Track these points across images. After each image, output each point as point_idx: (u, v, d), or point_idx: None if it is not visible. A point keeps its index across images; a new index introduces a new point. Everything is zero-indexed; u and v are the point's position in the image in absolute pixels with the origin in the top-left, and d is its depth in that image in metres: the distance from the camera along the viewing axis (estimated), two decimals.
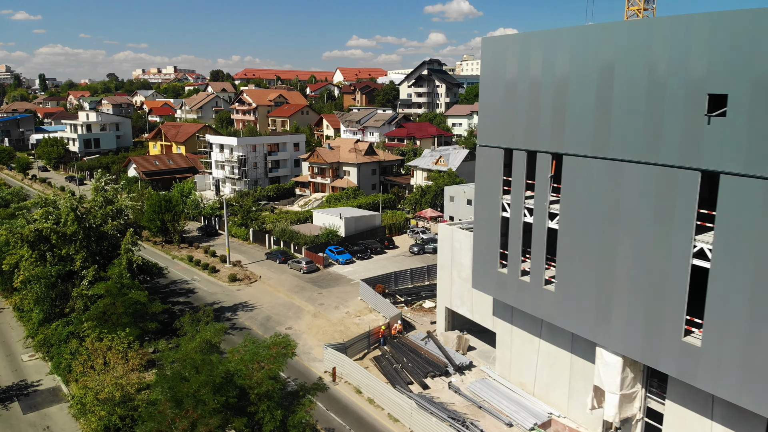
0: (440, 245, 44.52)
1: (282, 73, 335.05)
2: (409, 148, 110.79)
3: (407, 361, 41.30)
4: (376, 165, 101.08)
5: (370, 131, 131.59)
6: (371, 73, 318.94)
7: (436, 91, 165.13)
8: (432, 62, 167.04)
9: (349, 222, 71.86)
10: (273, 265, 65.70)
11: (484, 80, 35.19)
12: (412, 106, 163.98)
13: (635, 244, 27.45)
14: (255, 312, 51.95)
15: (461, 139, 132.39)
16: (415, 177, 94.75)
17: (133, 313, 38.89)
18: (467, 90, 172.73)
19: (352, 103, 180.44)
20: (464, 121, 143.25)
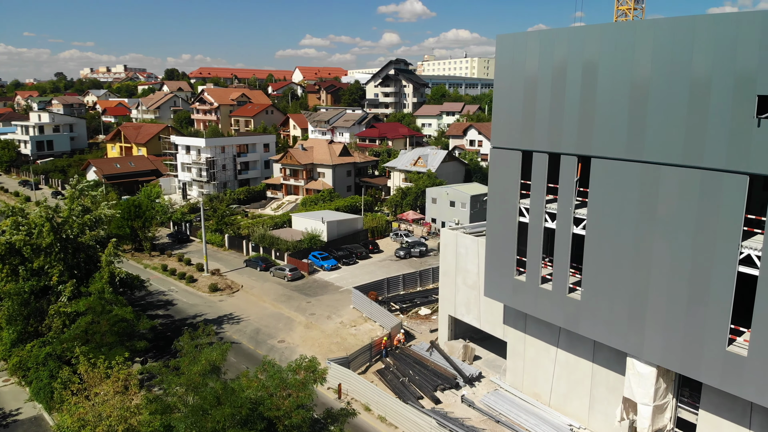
0: (443, 251, 42.82)
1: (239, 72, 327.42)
2: (383, 149, 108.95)
3: (414, 374, 39.43)
4: (352, 166, 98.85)
5: (339, 131, 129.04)
6: (331, 72, 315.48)
7: (403, 91, 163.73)
8: (398, 62, 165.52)
9: (332, 226, 69.52)
10: (254, 273, 62.76)
11: (499, 80, 33.62)
12: (379, 105, 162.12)
13: (674, 250, 26.32)
14: (242, 324, 49.13)
15: (432, 140, 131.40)
16: (393, 178, 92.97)
17: (118, 331, 35.77)
18: (433, 90, 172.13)
19: (317, 102, 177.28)
20: (434, 122, 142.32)
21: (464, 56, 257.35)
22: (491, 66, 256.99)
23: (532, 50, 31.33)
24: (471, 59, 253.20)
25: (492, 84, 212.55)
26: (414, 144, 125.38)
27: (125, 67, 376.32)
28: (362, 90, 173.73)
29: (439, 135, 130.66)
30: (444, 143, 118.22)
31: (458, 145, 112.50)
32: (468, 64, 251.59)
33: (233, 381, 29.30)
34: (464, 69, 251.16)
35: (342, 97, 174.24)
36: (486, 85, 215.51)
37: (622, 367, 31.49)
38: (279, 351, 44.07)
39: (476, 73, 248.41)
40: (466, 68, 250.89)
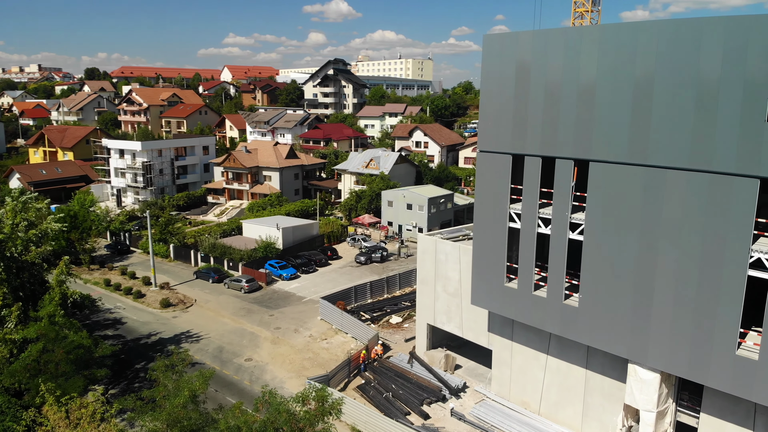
0: (420, 257, 41.32)
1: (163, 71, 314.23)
2: (330, 151, 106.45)
3: (397, 388, 37.72)
4: (299, 169, 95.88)
5: (280, 132, 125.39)
6: (261, 71, 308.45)
7: (343, 92, 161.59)
8: (337, 62, 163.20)
9: (287, 232, 66.65)
10: (206, 285, 59.06)
11: (487, 81, 32.43)
12: (318, 106, 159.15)
13: (680, 255, 25.90)
14: (203, 342, 45.76)
15: (376, 141, 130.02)
16: (344, 181, 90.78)
17: (75, 359, 32.03)
18: (372, 91, 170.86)
19: (252, 102, 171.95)
20: (376, 123, 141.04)
21: (398, 57, 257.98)
22: (425, 68, 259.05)
23: (523, 51, 30.30)
24: (405, 60, 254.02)
25: (427, 85, 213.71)
26: (359, 145, 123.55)
27: (39, 67, 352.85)
28: (300, 90, 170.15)
29: (383, 136, 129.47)
30: (389, 144, 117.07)
31: (404, 147, 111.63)
32: (402, 65, 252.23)
33: (217, 412, 26.71)
34: (399, 70, 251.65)
35: (279, 97, 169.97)
36: (422, 86, 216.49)
37: (618, 372, 31.10)
38: (247, 370, 41.22)
39: (411, 74, 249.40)
40: (401, 69, 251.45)
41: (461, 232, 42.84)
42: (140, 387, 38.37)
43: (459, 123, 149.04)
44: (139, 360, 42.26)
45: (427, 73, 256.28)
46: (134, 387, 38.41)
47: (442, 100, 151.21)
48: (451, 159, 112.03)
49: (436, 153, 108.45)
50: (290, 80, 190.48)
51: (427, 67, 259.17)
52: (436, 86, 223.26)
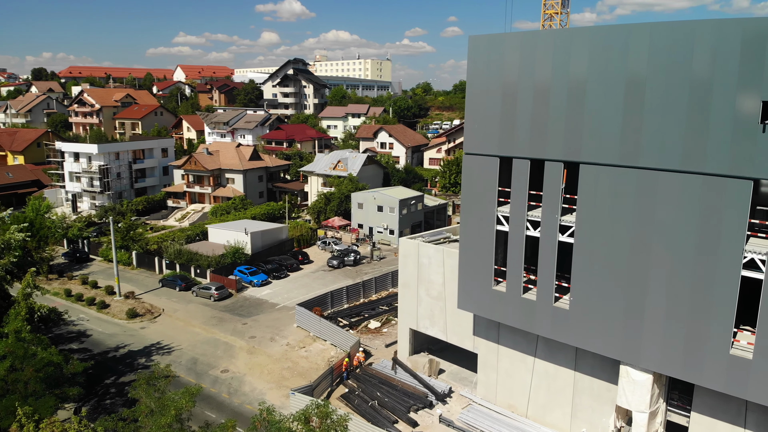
0: (402, 261, 40.64)
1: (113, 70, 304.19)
2: (294, 152, 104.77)
3: (383, 396, 36.94)
4: (263, 171, 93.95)
5: (241, 133, 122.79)
6: (216, 70, 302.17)
7: (303, 92, 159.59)
8: (297, 62, 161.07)
9: (256, 237, 64.94)
10: (173, 294, 56.92)
11: (473, 83, 32.01)
12: (278, 106, 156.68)
13: (673, 256, 26.00)
14: (175, 354, 43.91)
15: (340, 142, 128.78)
16: (311, 183, 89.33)
17: (45, 378, 30.01)
18: (333, 91, 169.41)
19: (209, 102, 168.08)
20: (339, 123, 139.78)
21: (357, 58, 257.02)
22: (384, 68, 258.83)
23: (512, 52, 29.98)
24: (364, 61, 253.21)
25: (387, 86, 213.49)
26: (323, 146, 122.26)
27: None
28: (259, 90, 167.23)
29: (347, 137, 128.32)
30: (353, 146, 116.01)
31: (369, 148, 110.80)
32: (361, 65, 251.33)
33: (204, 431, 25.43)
34: (357, 70, 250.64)
35: (237, 97, 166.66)
36: (382, 87, 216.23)
37: (608, 374, 31.15)
38: (225, 382, 39.72)
39: (370, 74, 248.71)
40: (360, 70, 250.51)
41: (441, 235, 42.40)
42: (112, 404, 36.53)
43: (421, 124, 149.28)
44: (108, 375, 40.20)
45: (386, 74, 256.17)
46: (106, 404, 36.49)
47: (404, 101, 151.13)
48: (416, 160, 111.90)
49: (402, 154, 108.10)
50: (248, 80, 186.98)
51: (386, 68, 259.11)
52: (395, 87, 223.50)
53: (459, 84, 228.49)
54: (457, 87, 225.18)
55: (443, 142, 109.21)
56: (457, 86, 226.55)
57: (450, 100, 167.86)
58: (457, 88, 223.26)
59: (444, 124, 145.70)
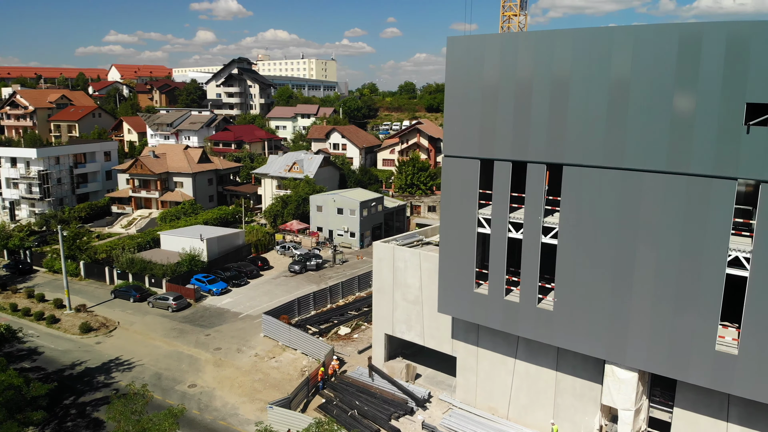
0: (377, 266, 39.85)
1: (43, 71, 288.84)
2: (245, 154, 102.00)
3: (362, 404, 36.03)
4: (213, 174, 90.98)
5: (185, 135, 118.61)
6: (153, 70, 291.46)
7: (249, 92, 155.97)
8: (242, 61, 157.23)
9: (212, 243, 62.57)
10: (127, 305, 54.05)
11: (452, 85, 31.58)
12: (223, 106, 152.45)
13: (659, 256, 26.34)
14: (137, 370, 41.52)
15: (289, 143, 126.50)
16: (264, 186, 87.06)
17: (6, 402, 27.63)
18: (279, 91, 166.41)
19: (149, 103, 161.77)
20: (288, 124, 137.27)
21: (301, 57, 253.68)
22: (329, 68, 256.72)
23: (492, 54, 29.72)
24: (309, 60, 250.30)
25: (334, 86, 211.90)
26: (272, 147, 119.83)
27: None
28: (201, 90, 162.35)
29: (296, 138, 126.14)
30: (305, 147, 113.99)
31: (322, 149, 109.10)
32: (306, 65, 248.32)
33: None
34: (302, 70, 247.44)
35: (179, 97, 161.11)
36: (328, 87, 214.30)
37: (590, 373, 31.41)
38: (194, 398, 37.84)
39: (314, 74, 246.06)
40: (304, 69, 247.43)
41: (414, 238, 41.85)
42: (75, 426, 34.12)
43: (371, 124, 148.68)
44: (67, 395, 37.53)
45: (331, 74, 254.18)
46: (67, 427, 34.02)
47: (354, 101, 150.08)
48: (369, 161, 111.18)
49: (355, 155, 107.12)
50: (189, 80, 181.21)
51: (331, 68, 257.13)
52: (342, 87, 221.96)
53: (404, 85, 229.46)
54: (403, 88, 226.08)
55: (396, 143, 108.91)
56: (402, 87, 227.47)
57: (398, 101, 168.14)
58: (402, 89, 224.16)
59: (394, 125, 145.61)
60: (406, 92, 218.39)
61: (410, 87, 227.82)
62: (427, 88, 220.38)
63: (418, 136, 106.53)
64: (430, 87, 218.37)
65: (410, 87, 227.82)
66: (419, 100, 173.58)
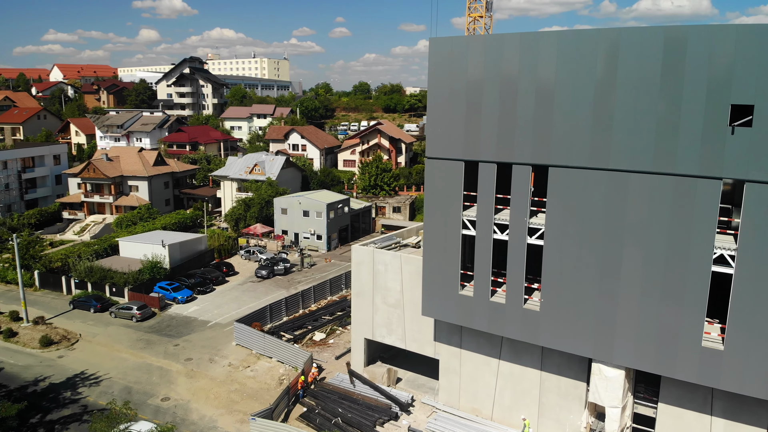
0: (356, 269, 39.22)
1: None
2: (201, 156, 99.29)
3: (345, 412, 35.36)
4: (169, 177, 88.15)
5: (137, 137, 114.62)
6: (97, 70, 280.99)
7: (201, 92, 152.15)
8: (194, 60, 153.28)
9: (174, 249, 60.47)
10: (88, 316, 51.60)
11: (434, 86, 31.29)
12: (174, 107, 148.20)
13: (646, 255, 26.74)
14: (105, 384, 39.58)
15: (245, 144, 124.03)
16: (224, 189, 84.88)
17: None
18: (232, 91, 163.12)
19: (96, 104, 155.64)
20: (244, 124, 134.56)
21: (252, 56, 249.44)
22: (281, 68, 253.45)
23: (476, 55, 29.58)
24: (261, 60, 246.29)
25: (287, 86, 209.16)
26: (229, 149, 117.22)
27: None
28: (151, 90, 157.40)
29: (253, 138, 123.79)
30: (262, 148, 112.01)
31: (281, 150, 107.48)
32: (258, 64, 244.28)
33: None
34: (254, 70, 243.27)
35: (127, 98, 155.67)
36: (282, 86, 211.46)
37: (575, 371, 31.72)
38: (168, 412, 36.33)
39: (267, 74, 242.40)
40: (256, 69, 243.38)
41: (392, 240, 41.44)
42: None
43: (329, 125, 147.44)
44: (33, 413, 35.35)
45: (284, 74, 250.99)
46: None
47: (311, 101, 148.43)
48: (329, 162, 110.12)
49: (316, 156, 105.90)
50: (138, 79, 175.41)
51: (284, 68, 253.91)
52: (296, 87, 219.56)
53: (358, 85, 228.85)
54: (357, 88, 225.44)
55: (357, 144, 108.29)
56: (357, 87, 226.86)
57: (354, 102, 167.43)
58: (357, 89, 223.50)
59: (352, 126, 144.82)
60: (360, 92, 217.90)
61: (365, 87, 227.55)
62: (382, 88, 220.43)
63: (379, 136, 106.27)
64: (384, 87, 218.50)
65: (365, 87, 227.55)
66: (375, 101, 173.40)
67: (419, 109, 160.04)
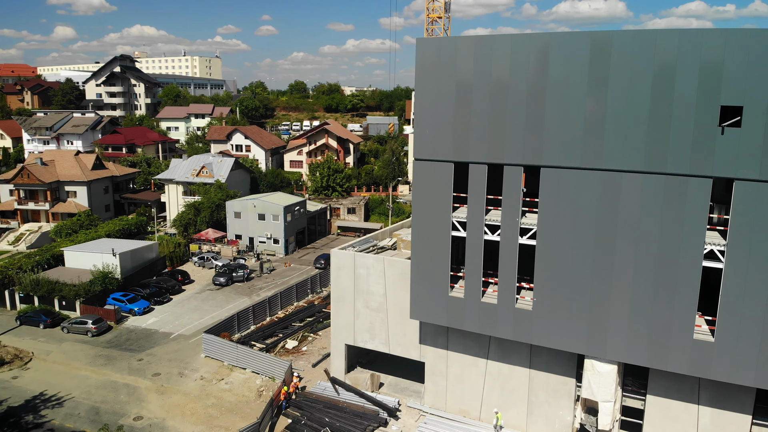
0: (336, 274, 38.35)
1: None
2: (140, 158, 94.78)
3: (332, 421, 34.50)
4: (109, 181, 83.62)
5: (68, 139, 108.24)
6: (15, 69, 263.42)
7: (133, 91, 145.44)
8: (124, 58, 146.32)
9: (125, 258, 57.29)
10: (37, 332, 48.04)
11: (422, 88, 30.97)
12: (104, 107, 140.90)
13: (638, 253, 27.46)
14: (69, 405, 36.88)
15: (183, 145, 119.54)
16: (168, 192, 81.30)
17: None
18: (165, 90, 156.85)
19: (20, 105, 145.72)
20: (181, 125, 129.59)
21: (183, 54, 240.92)
22: (213, 66, 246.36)
23: (465, 57, 29.46)
24: (191, 58, 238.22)
25: (221, 85, 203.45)
26: (167, 151, 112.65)
27: None
28: (79, 90, 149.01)
29: (192, 139, 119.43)
30: (202, 149, 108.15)
31: (224, 151, 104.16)
32: (189, 63, 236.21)
33: None
34: (185, 68, 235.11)
35: (53, 98, 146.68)
36: (216, 85, 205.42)
37: (564, 368, 32.26)
38: None
39: (198, 72, 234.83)
40: (187, 67, 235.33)
41: (369, 243, 40.90)
42: None
43: (270, 124, 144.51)
44: None
45: (216, 72, 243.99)
46: None
47: (251, 101, 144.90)
48: (275, 162, 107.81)
49: (261, 157, 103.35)
50: (64, 79, 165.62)
51: (216, 66, 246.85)
52: (230, 86, 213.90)
53: (294, 84, 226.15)
54: (293, 87, 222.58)
55: (303, 144, 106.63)
56: (293, 86, 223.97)
57: (294, 101, 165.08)
58: (293, 89, 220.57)
59: (294, 126, 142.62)
60: (296, 91, 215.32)
61: (301, 86, 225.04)
62: (320, 87, 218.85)
63: (327, 137, 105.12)
64: (322, 87, 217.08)
65: (301, 86, 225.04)
66: (315, 101, 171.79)
67: (361, 109, 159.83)
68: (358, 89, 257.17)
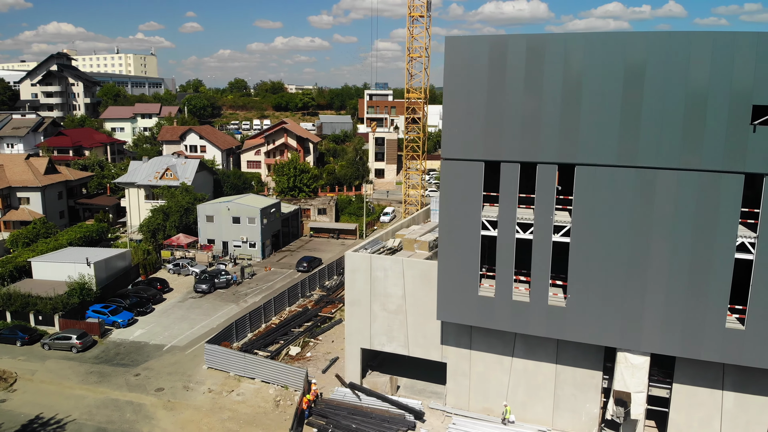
0: (351, 277, 37.60)
1: None
2: (92, 161, 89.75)
3: (360, 427, 33.85)
4: (63, 186, 78.71)
5: (8, 142, 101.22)
6: None
7: (71, 90, 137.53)
8: (61, 56, 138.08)
9: (100, 268, 54.09)
10: (16, 351, 44.54)
11: (452, 85, 30.83)
12: (41, 108, 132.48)
13: (672, 248, 28.35)
14: (72, 428, 34.40)
15: (131, 146, 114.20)
16: (129, 197, 77.35)
17: None
18: (103, 89, 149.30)
19: None
20: (126, 125, 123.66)
21: (116, 52, 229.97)
22: (149, 64, 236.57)
23: (497, 57, 29.50)
24: (125, 56, 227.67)
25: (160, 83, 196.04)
26: (116, 153, 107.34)
27: None
28: (12, 90, 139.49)
29: (140, 140, 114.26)
30: (152, 151, 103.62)
31: (177, 152, 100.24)
32: (122, 61, 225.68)
33: None
34: (118, 66, 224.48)
35: None
36: (154, 84, 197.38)
37: (590, 361, 32.98)
38: None
39: (133, 70, 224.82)
40: (121, 65, 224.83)
41: (379, 245, 40.38)
42: None
43: (218, 123, 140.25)
44: None
45: (151, 70, 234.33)
46: None
47: (199, 99, 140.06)
48: (233, 163, 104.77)
49: (218, 157, 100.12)
50: None
51: (152, 63, 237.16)
52: (169, 84, 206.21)
53: (234, 82, 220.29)
54: (233, 85, 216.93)
55: (261, 144, 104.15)
56: (233, 84, 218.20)
57: (242, 100, 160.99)
58: (233, 87, 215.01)
59: (243, 125, 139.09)
60: (237, 90, 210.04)
61: (242, 84, 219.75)
62: (262, 86, 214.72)
63: (286, 136, 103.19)
64: (265, 85, 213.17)
65: (242, 84, 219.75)
66: (263, 99, 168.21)
67: (312, 108, 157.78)
68: (298, 87, 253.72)
